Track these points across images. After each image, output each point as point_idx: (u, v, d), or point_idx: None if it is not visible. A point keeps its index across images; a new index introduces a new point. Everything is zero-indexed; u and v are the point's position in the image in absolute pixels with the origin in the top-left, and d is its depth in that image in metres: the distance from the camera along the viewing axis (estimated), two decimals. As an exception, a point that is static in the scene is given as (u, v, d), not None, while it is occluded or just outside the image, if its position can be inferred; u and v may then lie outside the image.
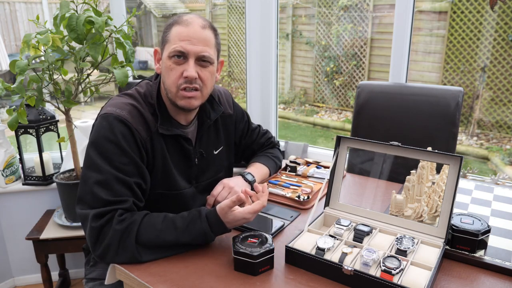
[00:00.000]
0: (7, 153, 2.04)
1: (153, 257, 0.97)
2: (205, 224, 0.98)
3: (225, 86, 6.04)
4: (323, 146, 2.63)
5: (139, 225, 0.97)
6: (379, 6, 4.52)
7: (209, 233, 0.99)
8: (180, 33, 1.05)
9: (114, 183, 0.99)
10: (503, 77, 3.83)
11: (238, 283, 0.89)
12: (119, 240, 0.95)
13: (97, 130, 1.04)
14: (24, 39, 1.58)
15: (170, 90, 1.08)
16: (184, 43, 1.04)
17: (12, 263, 2.19)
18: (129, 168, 1.02)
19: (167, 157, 1.12)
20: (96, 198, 0.98)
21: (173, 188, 1.15)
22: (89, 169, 1.01)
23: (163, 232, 0.97)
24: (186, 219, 0.99)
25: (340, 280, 0.88)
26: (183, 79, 1.06)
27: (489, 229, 0.97)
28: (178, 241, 0.98)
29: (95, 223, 0.96)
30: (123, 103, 1.08)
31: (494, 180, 1.37)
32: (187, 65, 1.05)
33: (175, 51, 1.04)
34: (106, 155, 1.01)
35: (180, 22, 1.06)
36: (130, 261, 0.96)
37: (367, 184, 1.45)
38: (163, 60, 1.08)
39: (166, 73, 1.08)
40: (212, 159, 1.26)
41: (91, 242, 0.97)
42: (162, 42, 1.09)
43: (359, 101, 1.73)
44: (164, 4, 6.68)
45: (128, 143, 1.03)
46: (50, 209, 2.10)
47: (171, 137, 1.13)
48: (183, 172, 1.18)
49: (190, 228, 0.98)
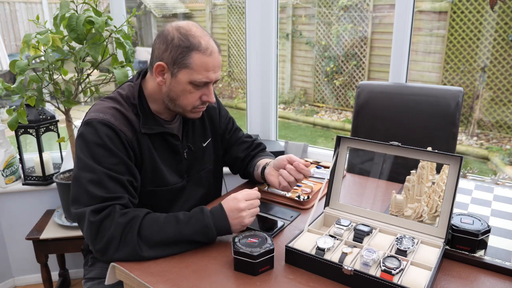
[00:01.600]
0: (7, 153, 2.04)
1: (154, 253, 0.97)
2: (208, 219, 1.00)
3: (225, 86, 6.04)
4: (323, 146, 2.63)
5: (142, 220, 0.98)
6: (379, 6, 4.52)
7: (211, 229, 1.00)
8: (206, 64, 1.07)
9: (108, 181, 1.01)
10: (503, 77, 3.83)
11: (238, 283, 0.89)
12: (122, 233, 0.96)
13: (83, 136, 1.05)
14: (24, 39, 1.58)
15: (184, 108, 1.13)
16: (210, 73, 1.09)
17: (12, 263, 2.19)
18: (119, 168, 1.04)
19: (155, 155, 1.14)
20: (92, 196, 0.99)
21: (163, 184, 1.17)
22: (81, 170, 1.02)
23: (166, 225, 0.99)
24: (189, 214, 1.02)
25: (340, 280, 0.88)
26: (200, 101, 1.13)
27: (489, 229, 0.97)
28: (180, 234, 0.98)
29: (93, 218, 0.96)
30: (105, 108, 1.09)
31: (494, 180, 1.37)
32: (208, 91, 1.12)
33: (201, 82, 1.09)
34: (96, 158, 1.02)
35: (202, 50, 1.06)
36: (130, 257, 0.96)
37: (367, 184, 1.45)
38: (179, 82, 1.09)
39: (181, 95, 1.11)
40: (201, 152, 1.29)
41: (91, 237, 0.97)
42: (177, 63, 1.07)
43: (359, 101, 1.73)
44: (164, 4, 6.67)
45: (115, 144, 1.04)
46: (50, 209, 2.10)
47: (156, 135, 1.15)
48: (173, 167, 1.20)
49: (193, 221, 1.00)
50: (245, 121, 2.42)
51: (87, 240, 0.99)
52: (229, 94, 6.01)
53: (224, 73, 5.98)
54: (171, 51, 1.07)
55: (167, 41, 1.07)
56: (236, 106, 5.69)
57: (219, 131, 1.37)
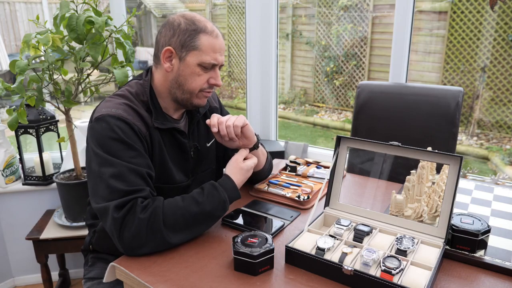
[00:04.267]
0: (7, 153, 2.04)
1: (180, 238, 1.01)
2: (223, 193, 1.07)
3: (225, 86, 6.04)
4: (323, 146, 2.63)
5: (163, 208, 0.99)
6: (379, 6, 4.52)
7: (227, 201, 1.07)
8: (213, 45, 1.10)
9: (128, 174, 1.01)
10: (503, 77, 3.83)
11: (238, 283, 0.89)
12: (146, 227, 0.96)
13: (98, 132, 1.04)
14: (24, 39, 1.58)
15: (191, 92, 1.14)
16: (217, 55, 1.12)
17: (12, 263, 2.19)
18: (137, 160, 1.04)
19: (164, 151, 1.15)
20: (114, 190, 0.99)
21: (170, 182, 1.17)
22: (101, 166, 1.02)
23: (187, 207, 1.02)
24: (205, 192, 1.06)
25: (340, 280, 0.88)
26: (207, 84, 1.14)
27: (489, 229, 0.97)
28: (202, 213, 1.03)
29: (117, 214, 0.97)
30: (116, 104, 1.09)
31: (494, 180, 1.37)
32: (215, 74, 1.14)
33: (209, 63, 1.10)
34: (113, 152, 1.02)
35: (208, 32, 1.10)
36: (159, 248, 0.99)
37: (367, 184, 1.45)
38: (188, 65, 1.10)
39: (190, 78, 1.12)
40: (206, 151, 1.29)
41: (116, 233, 0.97)
42: (185, 46, 1.09)
43: (359, 101, 1.73)
44: (164, 4, 6.67)
45: (130, 138, 1.05)
46: (50, 209, 2.10)
47: (166, 132, 1.15)
48: (181, 166, 1.21)
49: (210, 199, 1.05)
50: (245, 121, 2.41)
51: (112, 235, 0.99)
52: (229, 94, 6.01)
53: (224, 73, 5.98)
54: (178, 35, 1.09)
55: (174, 27, 1.10)
56: (236, 106, 5.69)
57: None
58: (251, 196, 1.33)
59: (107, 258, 1.25)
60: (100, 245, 1.25)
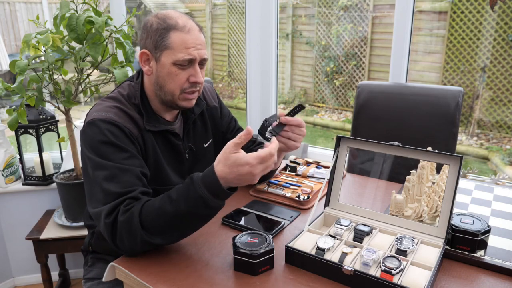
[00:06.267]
0: (7, 153, 2.04)
1: (164, 239, 0.95)
2: (199, 189, 0.90)
3: (225, 86, 6.04)
4: (323, 146, 2.63)
5: (141, 210, 0.95)
6: (379, 6, 4.52)
7: (207, 196, 0.90)
8: (185, 41, 1.06)
9: (121, 175, 1.00)
10: (503, 77, 3.83)
11: (238, 283, 0.89)
12: (125, 229, 0.95)
13: (89, 137, 1.04)
14: (24, 39, 1.58)
15: (172, 93, 1.10)
16: (191, 50, 1.06)
17: (12, 263, 2.19)
18: (130, 161, 1.03)
19: (159, 153, 1.14)
20: (107, 193, 0.98)
21: (166, 184, 1.16)
22: (95, 169, 1.02)
23: (162, 207, 0.94)
24: (180, 188, 0.95)
25: (340, 280, 0.88)
26: (188, 83, 1.10)
27: (489, 229, 0.97)
28: (177, 212, 0.92)
29: (108, 219, 0.96)
30: (107, 107, 1.09)
31: (494, 180, 1.37)
32: (194, 70, 1.09)
33: (184, 60, 1.06)
34: (105, 155, 1.02)
35: (179, 28, 1.06)
36: (145, 248, 0.96)
37: (367, 184, 1.45)
38: (163, 65, 1.08)
39: (168, 78, 1.09)
40: (203, 152, 1.28)
41: (108, 238, 0.98)
42: (157, 47, 1.07)
43: (359, 101, 1.73)
44: (164, 4, 6.67)
45: (121, 141, 1.04)
46: (50, 209, 2.10)
47: (159, 134, 1.14)
48: (176, 168, 1.20)
49: (185, 196, 0.92)
50: (245, 121, 2.42)
51: (107, 240, 0.99)
52: (229, 94, 6.02)
53: (224, 73, 5.99)
54: (151, 36, 1.07)
55: (147, 29, 1.09)
56: (236, 106, 5.69)
57: (221, 129, 1.37)
58: (251, 196, 1.33)
59: (107, 258, 1.25)
60: (99, 246, 1.25)
